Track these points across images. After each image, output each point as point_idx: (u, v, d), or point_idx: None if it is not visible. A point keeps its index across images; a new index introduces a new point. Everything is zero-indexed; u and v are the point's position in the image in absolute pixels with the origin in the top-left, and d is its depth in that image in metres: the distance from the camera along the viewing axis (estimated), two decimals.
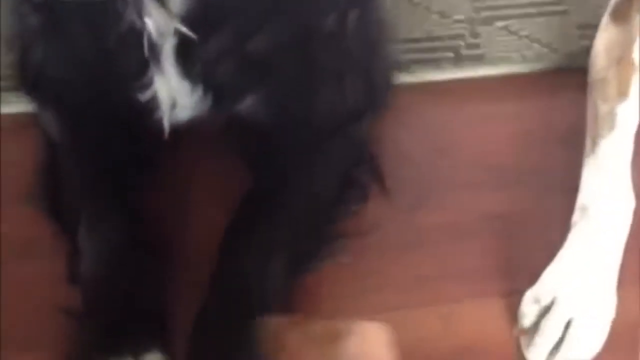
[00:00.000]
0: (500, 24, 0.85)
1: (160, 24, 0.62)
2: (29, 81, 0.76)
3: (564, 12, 0.85)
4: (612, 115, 0.69)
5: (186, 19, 0.62)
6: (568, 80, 0.79)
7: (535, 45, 0.83)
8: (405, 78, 0.83)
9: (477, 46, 0.84)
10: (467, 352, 0.68)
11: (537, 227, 0.73)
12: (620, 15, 0.72)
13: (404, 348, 0.66)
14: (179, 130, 0.71)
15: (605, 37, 0.74)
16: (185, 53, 0.65)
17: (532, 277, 0.68)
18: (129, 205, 0.71)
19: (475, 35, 0.85)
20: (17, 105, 0.80)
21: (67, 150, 0.75)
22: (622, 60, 0.70)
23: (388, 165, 0.78)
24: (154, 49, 0.64)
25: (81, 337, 0.66)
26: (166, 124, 0.68)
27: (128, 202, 0.71)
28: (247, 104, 0.70)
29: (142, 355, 0.63)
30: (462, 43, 0.84)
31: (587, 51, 0.77)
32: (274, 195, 0.72)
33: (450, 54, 0.84)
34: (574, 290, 0.63)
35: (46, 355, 0.66)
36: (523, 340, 0.66)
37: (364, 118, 0.77)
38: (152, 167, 0.75)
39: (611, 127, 0.69)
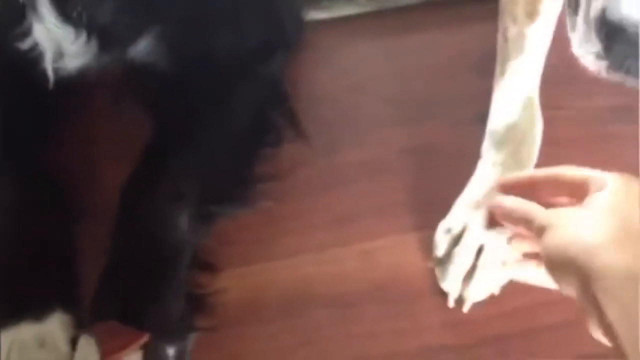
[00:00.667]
0: None
1: None
2: None
3: None
4: (521, 37, 0.67)
5: None
6: (481, 8, 0.77)
7: None
8: (317, 14, 0.80)
9: None
10: (386, 286, 0.67)
11: (452, 158, 0.72)
12: None
13: (325, 285, 0.65)
14: (71, 81, 0.67)
15: None
16: None
17: (447, 209, 0.67)
18: (25, 159, 0.67)
19: None
20: None
21: None
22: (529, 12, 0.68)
23: (304, 106, 0.76)
24: None
25: None
26: (50, 74, 0.64)
27: (24, 156, 0.67)
28: (140, 47, 0.66)
29: (45, 317, 0.61)
30: None
31: None
32: (180, 141, 0.69)
33: None
34: (483, 217, 0.62)
35: None
36: (438, 271, 0.65)
37: (273, 57, 0.74)
38: (48, 121, 0.71)
39: (521, 49, 0.67)
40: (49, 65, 0.65)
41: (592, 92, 0.71)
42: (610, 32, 0.50)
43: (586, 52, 0.53)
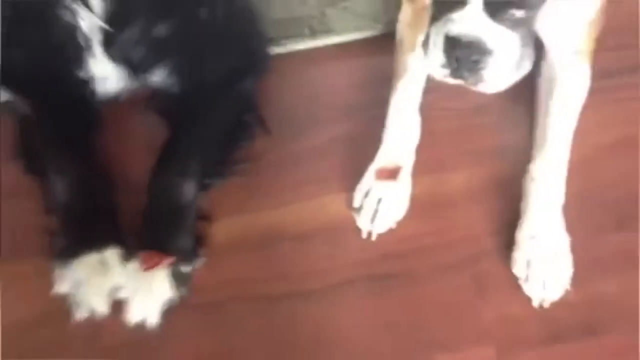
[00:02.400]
0: (341, 5, 1.18)
1: (89, 23, 0.94)
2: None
3: None
4: (405, 64, 1.03)
5: (107, 18, 0.94)
6: (389, 42, 1.12)
7: (366, 18, 1.16)
8: (278, 49, 1.16)
9: (326, 23, 1.17)
10: (328, 226, 1.01)
11: (370, 144, 1.06)
12: None
13: (287, 229, 0.99)
14: (113, 97, 1.03)
15: (404, 10, 1.06)
16: (108, 42, 0.97)
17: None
18: (82, 152, 1.02)
19: (324, 15, 1.17)
20: None
21: (34, 120, 1.05)
22: (413, 26, 1.03)
23: (273, 111, 1.10)
24: (87, 41, 0.96)
25: (61, 246, 0.97)
26: (99, 94, 1.00)
27: (85, 151, 1.02)
28: (157, 75, 1.02)
29: (103, 250, 0.95)
30: (315, 21, 1.17)
31: None
32: (185, 138, 1.04)
33: (307, 30, 1.16)
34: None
35: (41, 260, 0.97)
36: (356, 216, 1.00)
37: (246, 79, 1.09)
38: (97, 125, 1.06)
39: (405, 72, 1.03)
40: (97, 87, 1.00)
41: (458, 94, 1.05)
42: (449, 45, 0.83)
43: (435, 66, 0.87)
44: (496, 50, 0.82)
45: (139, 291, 0.93)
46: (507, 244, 0.98)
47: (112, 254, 0.95)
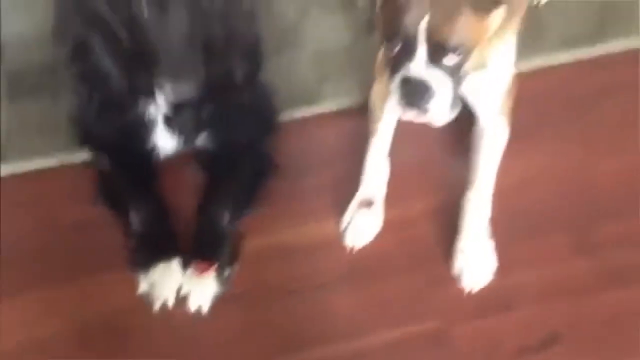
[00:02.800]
0: (332, 83, 1.62)
1: (155, 110, 1.39)
2: (83, 139, 1.50)
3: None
4: (374, 128, 1.46)
5: (169, 105, 1.38)
6: (365, 110, 1.54)
7: (350, 92, 1.60)
8: (286, 116, 1.59)
9: (320, 96, 1.61)
10: (320, 245, 1.43)
11: (353, 183, 1.47)
12: (379, 72, 1.47)
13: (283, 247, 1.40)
14: (171, 156, 1.47)
15: (375, 88, 1.50)
16: (168, 121, 1.41)
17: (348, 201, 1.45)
18: (152, 195, 1.45)
19: (319, 90, 1.61)
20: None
21: (113, 174, 1.49)
22: (381, 99, 1.47)
23: (282, 160, 1.52)
24: (153, 121, 1.40)
25: (138, 260, 1.39)
26: (162, 155, 1.44)
27: (151, 193, 1.45)
28: (201, 140, 1.46)
29: (169, 261, 1.38)
30: (313, 94, 1.61)
31: None
32: (222, 183, 1.47)
33: (305, 101, 1.60)
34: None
35: (121, 272, 1.39)
36: (343, 235, 1.42)
37: (264, 140, 1.53)
38: (158, 175, 1.49)
39: (376, 132, 1.46)
40: (159, 150, 1.44)
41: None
42: (403, 86, 1.19)
43: (394, 104, 1.24)
44: (436, 88, 1.19)
45: (194, 288, 1.35)
46: (451, 249, 1.40)
47: (175, 264, 1.38)
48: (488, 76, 1.37)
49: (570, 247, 1.42)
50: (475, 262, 1.37)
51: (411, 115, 1.26)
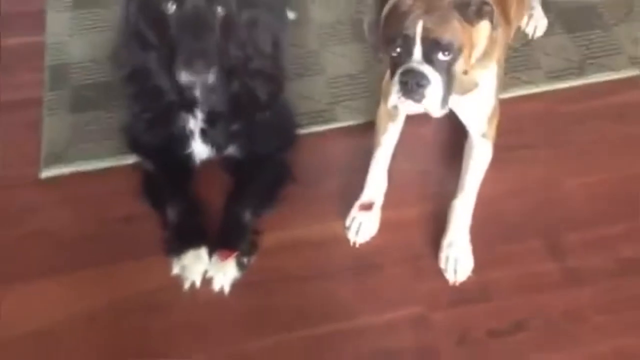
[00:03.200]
0: (342, 104, 1.89)
1: (193, 123, 1.67)
2: (133, 146, 1.79)
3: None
4: (379, 141, 1.72)
5: (205, 119, 1.66)
6: (371, 127, 1.80)
7: (358, 112, 1.86)
8: (303, 131, 1.86)
9: (333, 114, 1.88)
10: (327, 240, 1.68)
11: (357, 190, 1.73)
12: (384, 96, 1.73)
13: (295, 242, 1.67)
14: (204, 162, 1.74)
15: (381, 108, 1.75)
16: (204, 132, 1.69)
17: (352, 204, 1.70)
18: (186, 194, 1.73)
19: (332, 109, 1.88)
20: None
21: (155, 175, 1.77)
22: (385, 118, 1.72)
23: (298, 169, 1.78)
24: (191, 132, 1.68)
25: (172, 247, 1.66)
26: (197, 161, 1.72)
27: (186, 192, 1.73)
28: (230, 150, 1.73)
29: (198, 248, 1.64)
30: (326, 113, 1.87)
31: None
32: (245, 186, 1.73)
33: (320, 119, 1.87)
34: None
35: (159, 257, 1.66)
36: (347, 232, 1.67)
37: (284, 151, 1.79)
38: (193, 177, 1.77)
39: (379, 146, 1.71)
40: (197, 157, 1.72)
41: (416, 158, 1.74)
42: (403, 76, 1.42)
43: (394, 95, 1.45)
44: (431, 79, 1.42)
45: (218, 272, 1.61)
46: (438, 248, 1.64)
47: (203, 251, 1.63)
48: (475, 99, 1.62)
49: (541, 251, 1.64)
50: (457, 258, 1.61)
51: (410, 105, 1.47)
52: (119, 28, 1.66)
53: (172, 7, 1.50)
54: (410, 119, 1.77)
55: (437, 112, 1.48)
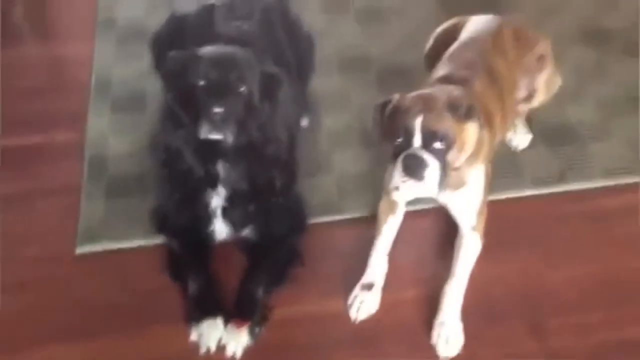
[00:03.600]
0: (350, 198, 2.12)
1: (215, 203, 1.90)
2: (160, 227, 2.01)
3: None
4: (380, 230, 1.94)
5: (226, 197, 1.89)
6: (373, 220, 2.02)
7: (364, 206, 2.10)
8: (312, 220, 2.08)
9: (339, 205, 2.11)
10: (331, 314, 1.86)
11: (359, 272, 1.93)
12: (385, 192, 1.97)
13: (301, 316, 1.85)
14: (222, 243, 1.96)
15: (383, 202, 1.99)
16: (225, 211, 1.92)
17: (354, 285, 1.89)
18: (206, 270, 1.93)
19: (340, 199, 2.11)
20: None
21: (179, 253, 1.98)
22: (386, 212, 1.95)
23: (306, 253, 1.99)
24: (213, 211, 1.91)
25: (191, 316, 1.84)
26: (217, 239, 1.94)
27: (206, 268, 1.93)
28: (246, 231, 1.95)
29: (215, 318, 1.82)
30: (333, 205, 2.11)
31: None
32: (259, 266, 1.94)
33: (330, 210, 2.10)
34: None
35: (178, 324, 1.84)
36: (349, 309, 1.86)
37: (295, 236, 2.01)
38: (212, 255, 1.97)
39: (380, 235, 1.93)
40: (215, 235, 1.94)
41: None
42: (405, 160, 1.66)
43: (396, 178, 1.67)
44: (429, 163, 1.64)
45: (232, 339, 1.78)
46: (431, 326, 1.81)
47: (219, 320, 1.81)
48: (465, 195, 1.86)
49: (525, 332, 1.82)
50: (448, 336, 1.78)
51: (411, 185, 1.68)
52: (158, 117, 1.93)
53: (201, 81, 1.77)
54: (408, 215, 2.00)
55: (435, 191, 1.70)
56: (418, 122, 1.66)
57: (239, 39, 2.00)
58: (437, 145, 1.67)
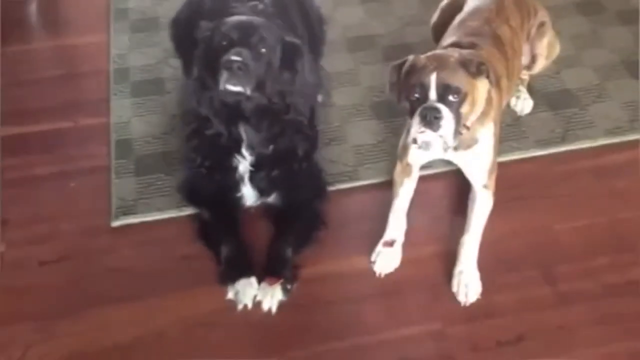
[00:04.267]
0: (365, 166, 2.25)
1: (243, 167, 2.03)
2: (190, 199, 2.14)
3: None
4: (397, 193, 2.07)
5: (252, 163, 2.02)
6: (390, 184, 2.16)
7: (379, 172, 2.23)
8: (332, 187, 2.21)
9: (357, 174, 2.25)
10: (356, 271, 2.00)
11: (380, 231, 2.06)
12: (400, 157, 2.10)
13: (330, 274, 1.99)
14: (251, 207, 2.09)
15: (397, 167, 2.11)
16: (252, 178, 2.05)
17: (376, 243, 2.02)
18: (237, 234, 2.06)
19: (356, 171, 2.25)
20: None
21: (210, 221, 2.10)
22: (401, 174, 2.08)
23: (328, 216, 2.11)
24: (241, 176, 2.04)
25: (226, 277, 1.97)
26: (246, 203, 2.07)
27: (237, 232, 2.06)
28: (272, 196, 2.08)
29: (248, 277, 1.95)
30: (351, 174, 2.24)
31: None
32: (285, 230, 2.06)
33: (347, 178, 2.23)
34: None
35: (214, 286, 1.96)
36: (373, 265, 1.99)
37: (317, 201, 2.14)
38: (241, 220, 2.10)
39: (397, 196, 2.06)
40: (245, 201, 2.07)
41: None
42: (423, 111, 1.78)
43: (415, 127, 1.81)
44: (444, 114, 1.78)
45: (266, 295, 1.91)
46: (450, 277, 1.95)
47: (252, 279, 1.94)
48: (476, 153, 1.99)
49: (537, 278, 1.95)
50: (467, 283, 1.91)
51: (428, 135, 1.82)
52: (187, 91, 2.05)
53: (224, 42, 1.91)
54: (422, 179, 2.13)
55: (450, 140, 1.83)
56: (433, 78, 1.79)
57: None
58: (451, 98, 1.80)
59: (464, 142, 1.94)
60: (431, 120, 1.79)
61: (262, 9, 2.21)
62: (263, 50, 1.92)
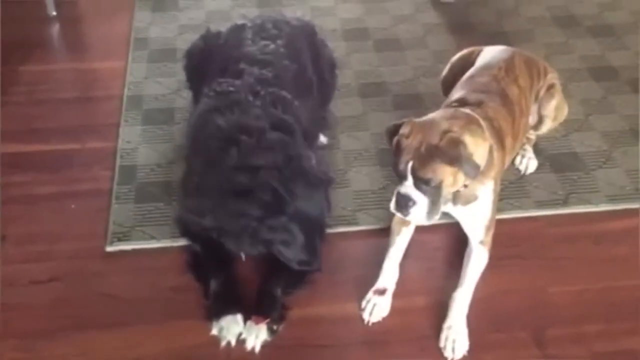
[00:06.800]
0: (364, 212, 2.25)
1: None
2: (183, 232, 2.14)
3: None
4: (393, 240, 2.06)
5: None
6: (387, 231, 2.15)
7: (377, 218, 2.22)
8: (332, 231, 2.21)
9: (355, 219, 2.24)
10: (344, 316, 1.98)
11: (373, 279, 2.05)
12: None
13: (318, 317, 1.97)
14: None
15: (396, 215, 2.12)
16: None
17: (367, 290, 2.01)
18: (228, 269, 2.05)
19: (355, 216, 2.25)
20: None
21: (201, 254, 2.10)
22: (399, 224, 2.08)
23: (324, 260, 2.11)
24: None
25: (213, 312, 1.96)
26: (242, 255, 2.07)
27: (227, 267, 2.05)
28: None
29: (235, 314, 1.94)
30: (350, 218, 2.24)
31: None
32: (277, 269, 2.05)
33: (346, 222, 2.23)
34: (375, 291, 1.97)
35: (199, 320, 1.95)
36: (362, 313, 1.97)
37: (313, 262, 2.13)
38: (232, 263, 2.09)
39: (392, 245, 2.06)
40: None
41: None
42: (397, 195, 1.84)
43: (392, 206, 1.85)
44: (417, 201, 1.81)
45: (251, 334, 1.90)
46: (438, 330, 1.92)
47: (239, 317, 1.93)
48: (475, 209, 1.99)
49: (527, 340, 1.92)
50: (455, 339, 1.89)
51: (401, 215, 1.89)
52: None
53: None
54: (419, 229, 2.12)
55: (424, 222, 1.88)
56: (409, 167, 1.82)
57: (263, 58, 2.18)
58: (425, 186, 1.83)
59: (463, 198, 1.94)
60: (403, 206, 1.85)
61: (272, 49, 2.24)
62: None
